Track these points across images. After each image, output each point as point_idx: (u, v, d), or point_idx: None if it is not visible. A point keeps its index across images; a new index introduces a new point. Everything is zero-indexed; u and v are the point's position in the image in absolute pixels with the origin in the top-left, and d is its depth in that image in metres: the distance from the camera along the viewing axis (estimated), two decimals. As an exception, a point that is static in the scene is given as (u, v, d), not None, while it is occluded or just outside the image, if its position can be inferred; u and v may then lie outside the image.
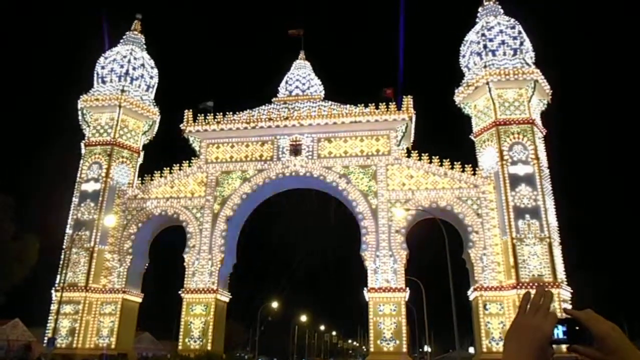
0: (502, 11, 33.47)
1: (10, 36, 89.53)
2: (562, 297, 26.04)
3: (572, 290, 27.39)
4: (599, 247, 55.73)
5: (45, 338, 28.24)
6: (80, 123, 34.91)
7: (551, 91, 31.60)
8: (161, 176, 32.99)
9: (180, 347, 29.03)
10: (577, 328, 1.40)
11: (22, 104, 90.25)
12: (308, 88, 35.79)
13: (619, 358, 1.32)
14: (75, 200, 32.38)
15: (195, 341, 29.00)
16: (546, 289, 1.46)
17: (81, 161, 33.50)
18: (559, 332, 1.46)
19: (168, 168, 33.12)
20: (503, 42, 31.52)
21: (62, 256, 30.09)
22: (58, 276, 29.74)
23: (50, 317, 29.18)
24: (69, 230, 31.43)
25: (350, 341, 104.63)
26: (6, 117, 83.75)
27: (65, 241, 31.06)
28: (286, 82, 36.55)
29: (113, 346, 29.28)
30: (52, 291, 29.96)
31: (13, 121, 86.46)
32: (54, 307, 29.11)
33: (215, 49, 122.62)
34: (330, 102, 33.24)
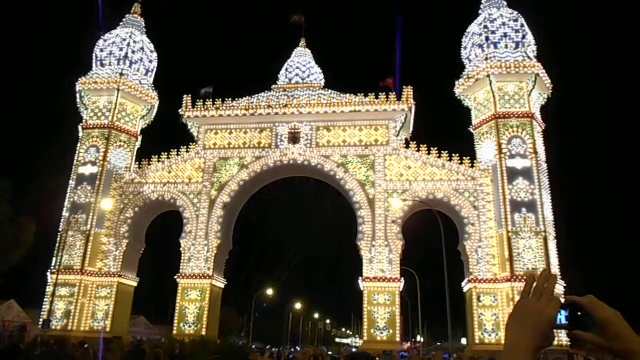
0: (505, 3, 33.24)
1: (9, 17, 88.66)
2: (557, 292, 26.16)
3: (565, 285, 27.57)
4: (595, 242, 56.06)
5: (41, 320, 28.29)
6: (78, 106, 34.70)
7: (552, 85, 31.53)
8: (159, 161, 32.93)
9: (175, 332, 29.15)
10: (579, 314, 1.39)
11: (20, 87, 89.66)
12: (308, 76, 35.64)
13: (621, 344, 1.31)
14: (72, 183, 32.31)
15: (190, 326, 29.17)
16: (551, 273, 1.45)
17: (79, 144, 33.37)
18: (562, 317, 1.45)
19: (166, 153, 33.06)
20: (505, 35, 31.35)
21: (59, 239, 30.09)
22: (54, 259, 29.79)
23: (45, 300, 29.28)
24: (65, 213, 31.41)
25: (344, 330, 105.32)
26: (4, 99, 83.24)
27: (61, 224, 31.06)
28: (286, 70, 36.38)
29: (108, 329, 29.40)
30: (48, 274, 30.02)
31: (10, 104, 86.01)
32: (49, 289, 29.17)
33: (216, 35, 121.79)
34: (330, 91, 33.12)
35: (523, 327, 1.36)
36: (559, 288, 26.89)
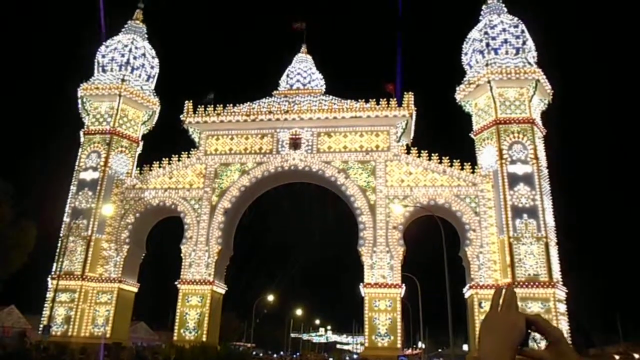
0: (505, 9, 33.34)
1: (12, 21, 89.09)
2: (558, 297, 26.13)
3: (567, 290, 27.49)
4: (596, 247, 55.91)
5: (41, 325, 28.21)
6: (80, 111, 34.78)
7: (552, 91, 31.57)
8: (160, 166, 32.96)
9: (175, 338, 29.07)
10: (528, 331, 1.41)
11: (23, 91, 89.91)
12: (309, 82, 35.72)
13: None
14: (73, 188, 32.32)
15: (190, 332, 29.07)
16: (513, 289, 1.49)
17: (80, 150, 33.41)
18: None
19: (167, 159, 33.09)
20: (506, 41, 31.43)
21: (59, 244, 30.06)
22: (55, 264, 29.75)
23: (46, 305, 29.18)
24: (66, 219, 31.39)
25: (345, 336, 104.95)
26: (6, 103, 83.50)
27: (62, 229, 31.03)
28: (287, 76, 36.46)
29: (108, 335, 29.31)
30: (49, 279, 29.96)
31: (13, 108, 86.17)
32: (50, 295, 29.11)
33: (218, 41, 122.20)
34: (330, 97, 33.17)
35: (497, 339, 1.38)
36: (561, 294, 26.81)
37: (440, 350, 70.00)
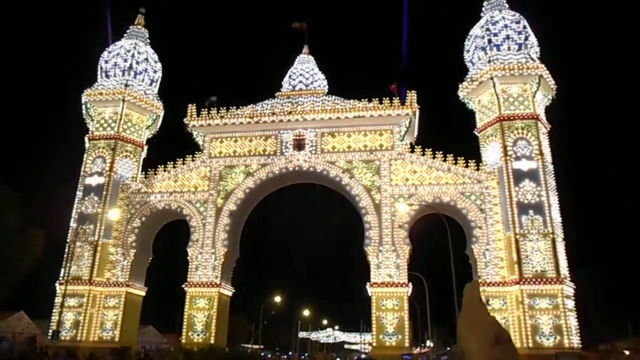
0: (507, 5, 33.24)
1: (15, 28, 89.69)
2: (566, 293, 26.01)
3: (574, 287, 27.36)
4: (603, 243, 55.63)
5: (50, 330, 28.38)
6: (84, 117, 34.99)
7: (556, 86, 31.46)
8: (165, 170, 33.09)
9: (183, 341, 29.17)
10: None
11: (27, 98, 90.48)
12: (312, 82, 35.76)
13: None
14: (79, 194, 32.51)
15: (198, 334, 29.16)
16: (477, 281, 1.54)
17: (85, 155, 33.60)
18: None
19: (172, 162, 33.22)
20: (508, 37, 31.33)
21: (67, 249, 30.23)
22: (62, 269, 29.93)
23: (54, 310, 29.37)
24: (73, 224, 31.57)
25: (353, 335, 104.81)
26: (10, 110, 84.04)
27: (69, 234, 31.22)
28: (290, 77, 36.51)
29: (117, 339, 29.46)
30: (57, 284, 30.14)
31: (17, 114, 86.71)
32: (58, 300, 29.29)
33: (219, 43, 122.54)
34: (333, 97, 33.19)
35: (481, 337, 1.44)
36: (569, 290, 26.69)
37: (448, 348, 69.82)
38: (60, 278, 29.82)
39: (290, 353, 71.32)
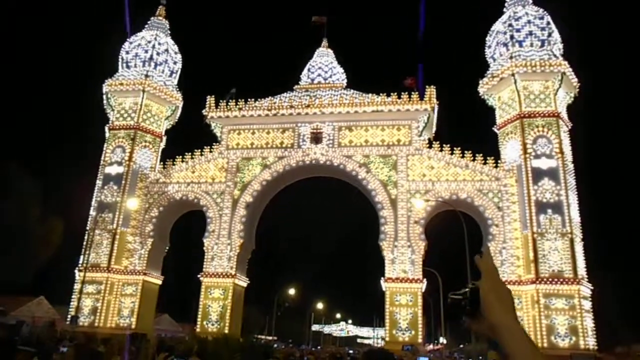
0: (530, 1, 32.68)
1: (38, 19, 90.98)
2: (583, 294, 25.67)
3: (592, 287, 26.98)
4: (628, 245, 54.66)
5: (69, 316, 29.03)
6: (105, 107, 35.44)
7: (579, 84, 30.89)
8: (183, 161, 33.40)
9: (198, 330, 29.54)
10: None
11: (49, 88, 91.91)
12: (330, 76, 35.66)
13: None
14: (98, 183, 33.01)
15: (213, 324, 29.49)
16: (488, 248, 1.66)
17: (105, 145, 34.07)
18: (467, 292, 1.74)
19: (189, 153, 33.49)
20: (530, 33, 30.81)
21: (86, 237, 30.78)
22: (81, 257, 30.47)
23: (73, 296, 29.96)
24: (92, 212, 32.09)
25: (366, 329, 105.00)
26: (33, 100, 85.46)
27: (88, 223, 31.75)
28: (308, 70, 36.46)
29: (133, 326, 29.93)
30: (76, 271, 30.70)
31: (38, 104, 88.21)
32: (77, 286, 29.87)
33: (239, 36, 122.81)
34: (352, 91, 33.07)
35: (503, 300, 1.61)
36: (586, 291, 26.33)
37: (461, 345, 69.51)
38: (80, 265, 30.37)
39: (303, 346, 71.77)
